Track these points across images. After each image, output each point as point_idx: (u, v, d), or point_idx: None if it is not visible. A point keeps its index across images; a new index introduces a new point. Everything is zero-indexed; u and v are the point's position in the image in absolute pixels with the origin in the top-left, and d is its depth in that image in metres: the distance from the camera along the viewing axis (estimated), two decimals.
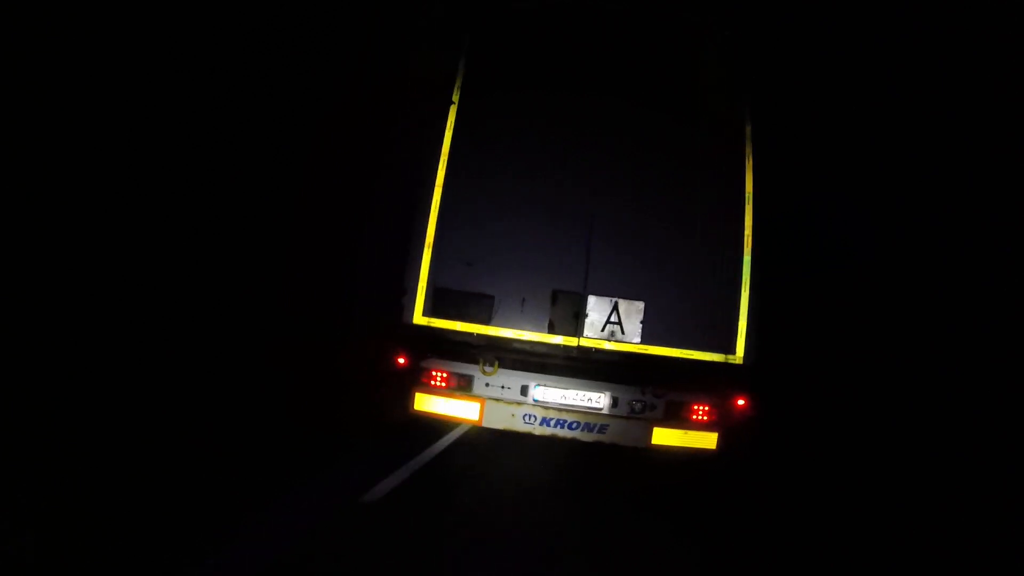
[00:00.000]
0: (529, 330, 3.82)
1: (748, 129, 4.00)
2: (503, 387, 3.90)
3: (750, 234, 3.87)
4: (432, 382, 3.94)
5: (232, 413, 4.92)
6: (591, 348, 3.81)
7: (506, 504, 3.77)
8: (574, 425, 3.86)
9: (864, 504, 4.50)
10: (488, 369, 3.88)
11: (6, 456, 3.41)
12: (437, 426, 4.66)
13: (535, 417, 3.87)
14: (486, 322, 3.82)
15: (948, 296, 8.41)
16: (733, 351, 3.81)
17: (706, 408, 3.90)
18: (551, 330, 3.81)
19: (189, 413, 4.72)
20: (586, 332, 3.80)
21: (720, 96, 4.07)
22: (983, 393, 7.06)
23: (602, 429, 3.86)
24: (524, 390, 3.90)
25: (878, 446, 6.36)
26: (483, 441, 4.84)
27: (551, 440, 3.91)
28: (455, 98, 4.05)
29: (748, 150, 3.97)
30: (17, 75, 5.60)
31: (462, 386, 3.92)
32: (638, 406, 3.88)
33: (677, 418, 3.89)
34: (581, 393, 3.89)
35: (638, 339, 3.79)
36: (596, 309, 3.81)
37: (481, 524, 3.45)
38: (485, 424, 3.90)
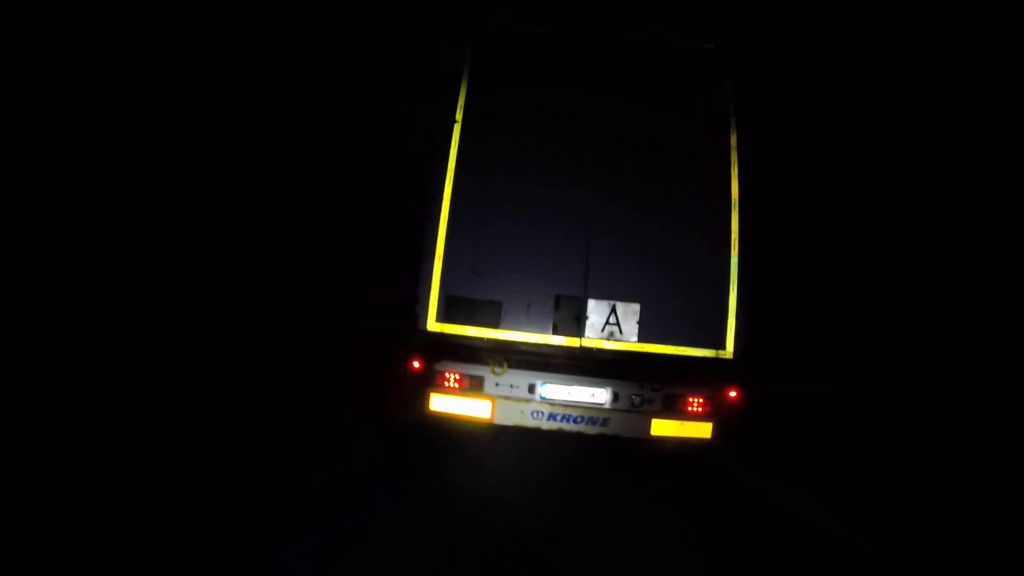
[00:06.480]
0: (535, 333, 4.12)
1: (733, 138, 4.30)
2: (512, 386, 4.19)
3: (736, 236, 4.17)
4: (446, 383, 4.22)
5: (231, 413, 4.98)
6: (592, 348, 4.12)
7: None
8: (578, 419, 4.16)
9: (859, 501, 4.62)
10: (498, 370, 4.17)
11: (6, 456, 3.43)
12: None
13: (542, 413, 4.16)
14: (495, 326, 4.12)
15: (947, 295, 8.59)
16: (724, 347, 4.12)
17: (701, 400, 4.19)
18: (555, 332, 4.11)
19: (189, 413, 4.76)
20: (587, 333, 4.10)
21: (708, 106, 4.38)
22: (982, 392, 7.22)
23: (604, 422, 4.16)
24: (531, 388, 4.19)
25: (876, 441, 6.54)
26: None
27: (558, 434, 4.21)
28: (458, 116, 4.33)
29: (733, 158, 4.27)
30: (18, 75, 5.74)
31: (474, 386, 4.21)
32: (637, 400, 4.18)
33: (674, 410, 4.18)
34: (584, 389, 4.18)
35: (635, 338, 4.10)
36: (596, 312, 4.11)
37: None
38: (496, 421, 4.19)
